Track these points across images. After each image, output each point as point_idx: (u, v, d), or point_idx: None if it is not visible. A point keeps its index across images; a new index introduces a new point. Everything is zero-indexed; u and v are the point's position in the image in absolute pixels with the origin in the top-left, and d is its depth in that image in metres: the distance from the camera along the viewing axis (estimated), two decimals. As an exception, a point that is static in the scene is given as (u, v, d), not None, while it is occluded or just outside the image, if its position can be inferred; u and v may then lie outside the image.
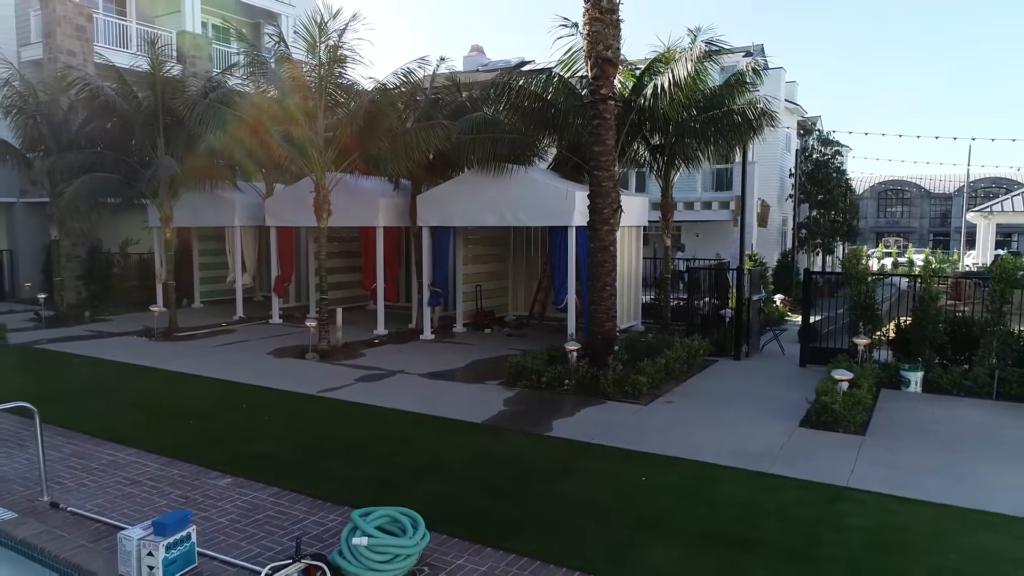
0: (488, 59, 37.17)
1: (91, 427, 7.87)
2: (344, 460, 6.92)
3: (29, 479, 6.23)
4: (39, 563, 5.00)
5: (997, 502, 5.86)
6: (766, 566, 4.80)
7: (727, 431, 7.94)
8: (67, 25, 19.92)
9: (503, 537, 5.16)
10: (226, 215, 16.96)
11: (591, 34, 10.13)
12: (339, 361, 11.94)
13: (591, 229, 10.47)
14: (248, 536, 5.21)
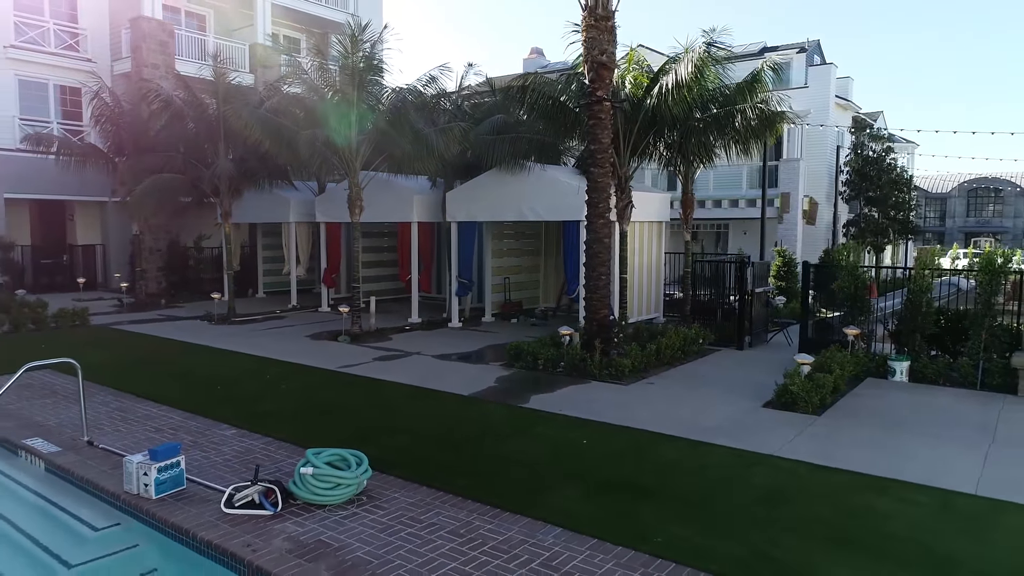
0: (548, 61, 37.95)
1: (136, 389, 9.25)
2: (333, 419, 7.99)
3: (77, 425, 7.57)
4: (71, 483, 6.26)
5: (905, 472, 6.31)
6: (651, 507, 5.52)
7: (690, 408, 8.56)
8: (151, 41, 22.09)
9: (437, 479, 6.06)
10: (282, 212, 18.53)
11: (587, 40, 10.87)
12: (367, 343, 13.10)
13: (588, 222, 11.20)
14: (234, 471, 6.30)
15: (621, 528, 5.10)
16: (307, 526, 5.15)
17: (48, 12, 22.44)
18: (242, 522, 5.20)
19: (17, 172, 20.81)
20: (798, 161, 23.41)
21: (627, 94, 13.26)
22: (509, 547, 4.83)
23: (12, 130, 21.50)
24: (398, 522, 5.25)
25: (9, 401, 8.16)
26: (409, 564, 4.58)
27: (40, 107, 22.39)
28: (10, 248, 21.24)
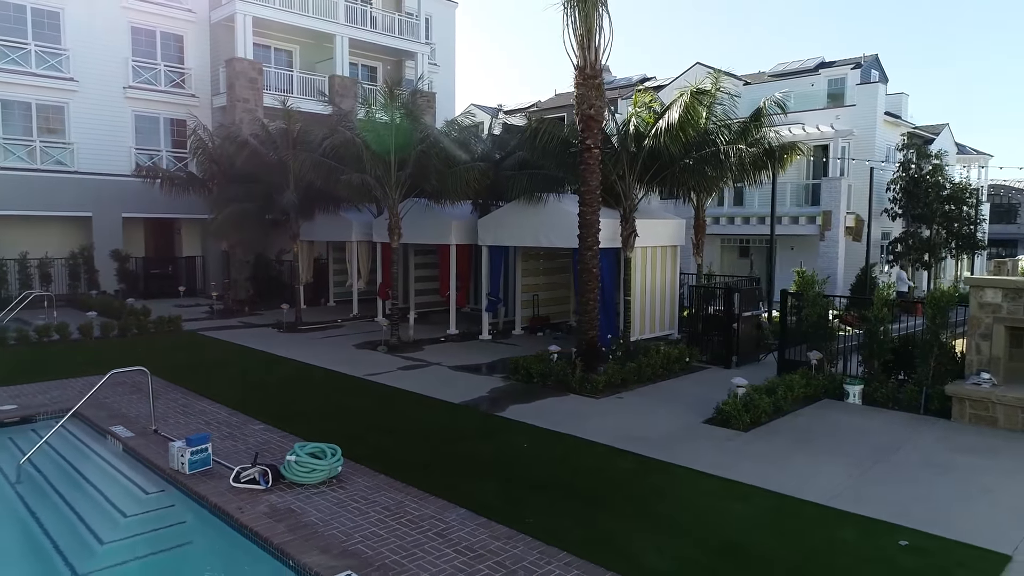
0: (613, 77, 39.27)
1: (199, 388, 11.65)
2: (336, 419, 10.00)
3: (150, 416, 9.92)
4: (137, 459, 8.54)
5: (771, 482, 7.62)
6: (542, 498, 7.15)
7: (638, 421, 10.04)
8: (243, 78, 25.19)
9: (395, 470, 7.92)
10: (345, 231, 20.99)
11: (578, 96, 12.47)
12: (401, 353, 15.17)
13: (579, 255, 12.79)
14: (250, 457, 8.39)
15: (508, 512, 6.77)
16: (285, 498, 7.13)
17: (160, 56, 25.99)
18: (241, 493, 7.24)
19: (134, 194, 24.33)
20: (839, 179, 23.80)
21: (630, 134, 14.65)
22: (420, 520, 6.63)
23: (129, 158, 25.14)
24: (350, 499, 7.15)
25: (104, 395, 10.64)
26: (342, 527, 6.46)
27: (152, 138, 25.99)
28: (126, 260, 24.87)
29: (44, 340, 15.99)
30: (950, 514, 6.81)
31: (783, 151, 16.03)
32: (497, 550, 6.04)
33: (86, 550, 6.54)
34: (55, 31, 23.72)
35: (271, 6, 26.06)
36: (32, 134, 23.49)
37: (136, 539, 6.76)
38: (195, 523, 7.03)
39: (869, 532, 6.42)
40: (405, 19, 30.94)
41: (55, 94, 23.68)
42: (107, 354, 14.23)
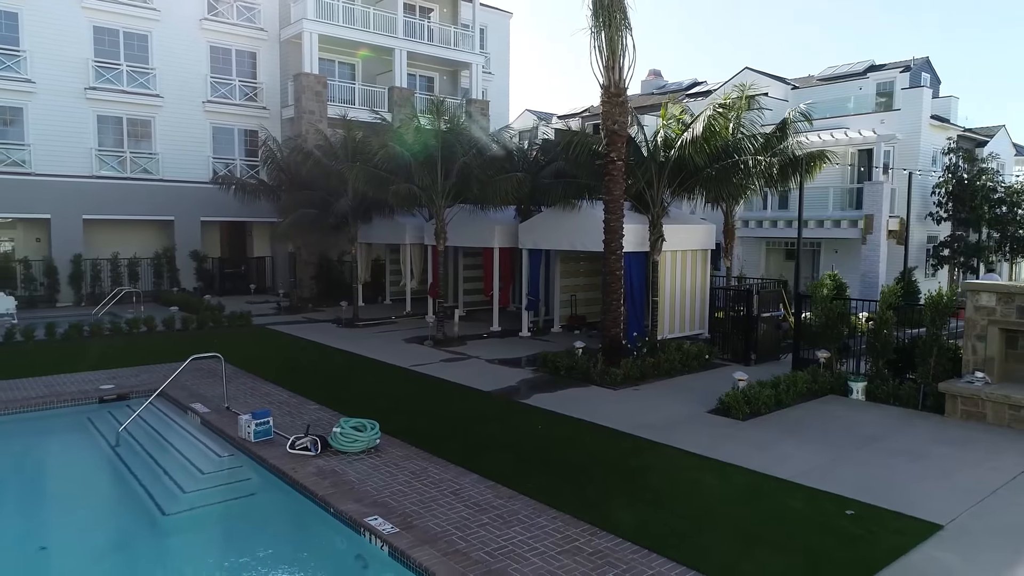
0: (665, 81, 39.90)
1: (265, 374, 13.29)
2: (380, 401, 11.39)
3: (223, 396, 11.56)
4: (212, 430, 10.15)
5: (753, 463, 8.59)
6: (545, 471, 8.34)
7: (647, 410, 11.10)
8: (309, 91, 27.16)
9: (424, 444, 9.25)
10: (399, 234, 22.56)
11: (604, 113, 13.57)
12: (445, 348, 16.56)
13: (604, 260, 13.88)
14: (303, 428, 9.88)
15: (513, 479, 7.99)
16: (330, 462, 8.55)
17: (235, 72, 28.24)
18: (295, 457, 8.70)
19: (211, 199, 26.57)
20: (882, 183, 24.02)
21: (658, 145, 15.61)
22: (439, 482, 7.93)
23: (207, 167, 27.45)
24: (384, 464, 8.51)
25: (185, 379, 12.36)
26: (375, 485, 7.82)
27: (227, 147, 28.27)
28: (203, 260, 27.19)
29: (134, 331, 18.07)
30: (904, 492, 7.68)
31: (810, 159, 16.68)
32: (499, 506, 7.28)
33: (171, 497, 8.12)
34: (144, 52, 26.18)
35: (335, 23, 27.96)
36: (123, 145, 26.00)
37: (211, 490, 8.32)
38: (258, 480, 8.53)
39: (821, 503, 7.38)
40: (461, 31, 32.46)
41: (143, 109, 26.14)
42: (187, 344, 16.08)
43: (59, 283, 24.31)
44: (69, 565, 6.97)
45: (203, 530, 7.65)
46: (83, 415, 11.22)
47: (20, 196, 23.63)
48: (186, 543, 7.44)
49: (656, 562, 6.08)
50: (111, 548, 7.28)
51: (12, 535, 7.52)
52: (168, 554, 7.22)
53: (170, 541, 7.45)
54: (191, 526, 7.64)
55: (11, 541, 7.35)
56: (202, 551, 7.29)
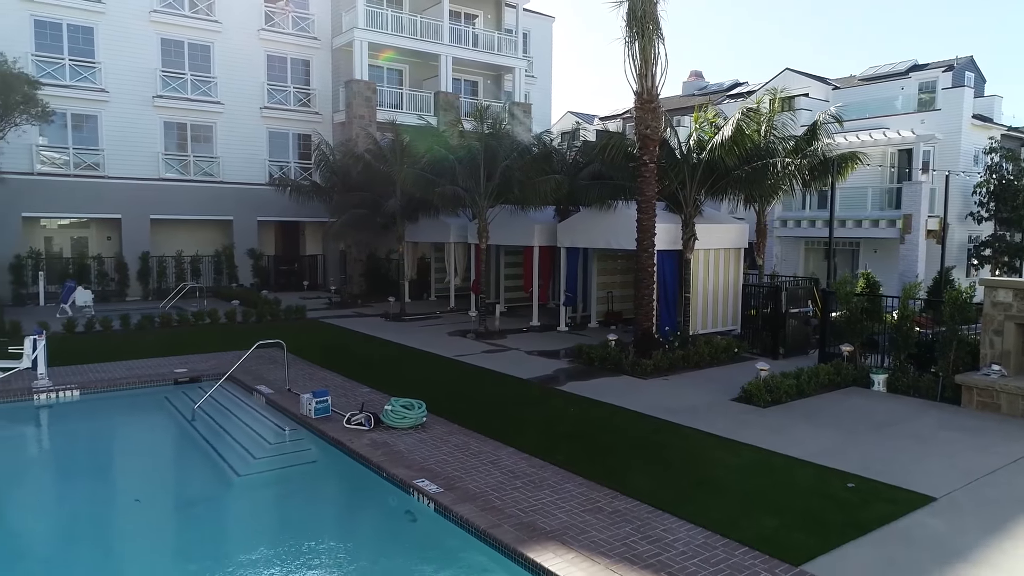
0: (706, 82, 40.23)
1: (320, 361, 14.44)
2: (425, 386, 12.33)
3: (284, 380, 12.71)
4: (277, 409, 11.28)
5: (766, 443, 9.29)
6: (573, 445, 9.20)
7: (673, 397, 11.85)
8: (359, 97, 28.46)
9: (467, 422, 10.19)
10: (443, 233, 23.64)
11: (637, 118, 14.36)
12: (486, 340, 17.52)
13: (637, 257, 14.64)
14: (357, 407, 10.92)
15: (545, 452, 8.87)
16: (382, 436, 9.57)
17: (290, 79, 29.74)
18: (351, 431, 9.74)
19: (267, 200, 28.12)
20: (921, 183, 24.12)
21: (691, 148, 16.28)
22: (478, 454, 8.86)
23: (264, 169, 29.01)
24: (429, 438, 9.49)
25: (250, 365, 13.55)
26: (421, 455, 8.80)
27: (282, 151, 29.80)
28: (260, 257, 28.73)
29: (199, 323, 19.50)
30: (905, 470, 8.31)
31: (841, 160, 17.13)
32: (531, 473, 8.18)
33: (243, 462, 9.24)
34: (206, 61, 27.84)
35: (385, 32, 29.20)
36: (187, 150, 27.69)
37: (277, 457, 9.44)
38: (318, 450, 9.60)
39: (825, 477, 8.07)
40: (504, 37, 33.43)
41: (205, 115, 27.79)
42: (248, 335, 17.34)
43: (129, 278, 26.08)
44: (161, 514, 8.12)
45: (272, 488, 8.73)
46: (161, 395, 12.49)
47: (94, 197, 25.45)
48: (258, 498, 8.54)
49: (667, 519, 6.90)
50: (195, 500, 8.43)
51: (111, 491, 8.73)
52: (243, 506, 8.33)
53: (244, 496, 8.57)
54: (262, 485, 8.75)
55: (111, 495, 8.55)
56: (272, 504, 8.38)
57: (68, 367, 13.49)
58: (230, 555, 6.86)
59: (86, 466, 9.89)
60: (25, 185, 23.71)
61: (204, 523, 7.87)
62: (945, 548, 6.36)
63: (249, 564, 6.57)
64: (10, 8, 23.78)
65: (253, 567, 6.52)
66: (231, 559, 6.71)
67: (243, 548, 7.02)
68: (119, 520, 7.87)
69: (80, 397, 12.07)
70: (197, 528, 7.74)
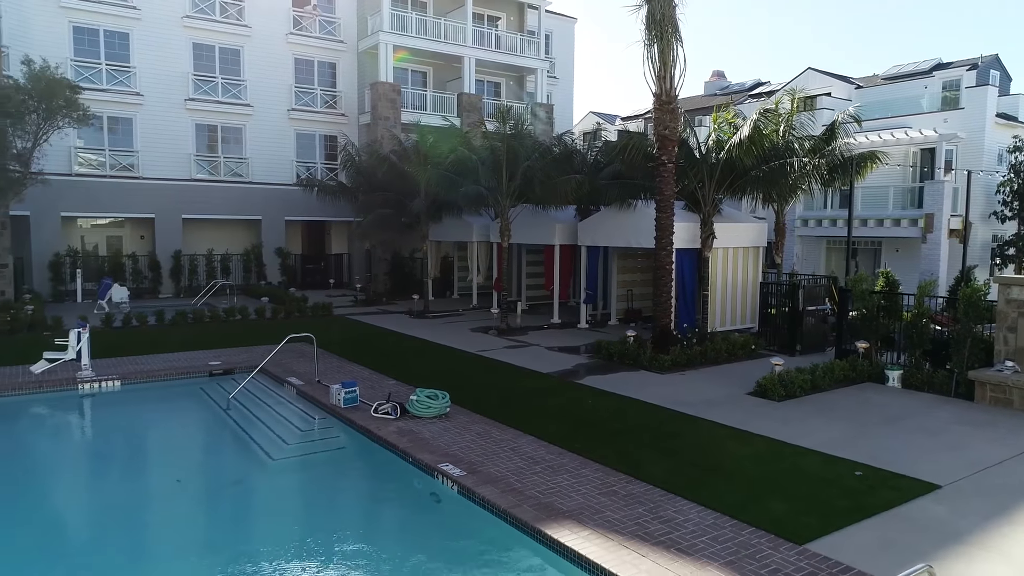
0: (728, 82, 40.29)
1: (348, 355, 14.94)
2: (449, 378, 12.75)
3: (314, 372, 13.21)
4: (307, 399, 11.79)
5: (778, 434, 9.58)
6: (590, 432, 9.57)
7: (689, 391, 12.16)
8: (384, 99, 29.03)
9: (487, 412, 10.60)
10: (466, 232, 24.10)
11: (656, 119, 14.67)
12: (508, 336, 17.93)
13: (655, 255, 14.96)
14: (384, 397, 11.39)
15: (563, 439, 9.25)
16: (407, 424, 10.02)
17: (317, 81, 30.42)
18: (378, 419, 10.20)
19: (294, 200, 28.82)
20: (943, 183, 24.09)
21: (709, 148, 16.56)
22: (499, 441, 9.27)
23: (291, 170, 29.71)
24: (453, 427, 9.92)
25: (280, 358, 14.08)
26: (445, 441, 9.22)
27: (309, 152, 30.48)
28: (287, 256, 29.43)
29: (230, 319, 20.14)
30: (913, 460, 8.56)
31: (860, 160, 17.28)
32: (549, 459, 8.57)
33: (276, 446, 9.75)
34: (236, 65, 28.60)
35: (409, 35, 29.75)
36: (217, 151, 28.48)
37: (308, 443, 9.95)
38: (346, 437, 10.08)
39: (834, 466, 8.36)
40: (526, 38, 33.82)
41: (235, 118, 28.56)
42: (277, 331, 17.90)
43: (161, 276, 26.89)
44: (200, 492, 8.64)
45: (304, 471, 9.22)
46: (196, 385, 13.07)
47: (129, 198, 26.30)
48: (291, 479, 9.04)
49: (678, 502, 7.25)
50: (232, 481, 8.94)
51: (154, 472, 9.28)
52: (278, 486, 8.83)
53: (278, 478, 9.06)
54: (294, 468, 9.25)
55: (154, 476, 9.10)
56: (305, 485, 8.87)
57: (108, 359, 14.13)
58: (265, 530, 7.34)
59: (130, 450, 10.48)
60: (64, 186, 24.53)
61: (241, 501, 8.38)
62: (944, 530, 6.64)
63: (283, 539, 7.04)
64: (51, 16, 24.69)
65: (287, 541, 6.99)
66: (267, 534, 7.19)
67: (277, 524, 7.51)
68: (162, 498, 8.39)
69: (121, 387, 12.68)
70: (235, 505, 8.25)
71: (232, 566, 6.43)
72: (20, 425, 11.29)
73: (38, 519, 7.74)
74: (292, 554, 6.70)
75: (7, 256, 21.34)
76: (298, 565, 6.47)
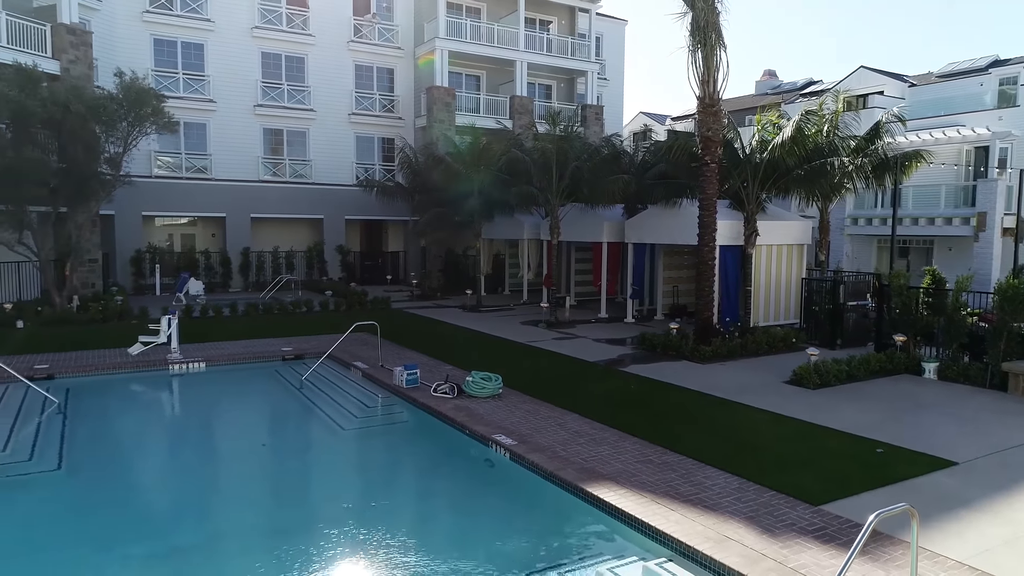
0: (780, 81, 40.28)
1: (407, 343, 16.07)
2: (500, 365, 13.65)
3: (377, 358, 14.34)
4: (373, 381, 12.92)
5: (812, 417, 10.22)
6: (632, 412, 10.39)
7: (728, 379, 12.84)
8: (440, 103, 30.24)
9: (536, 394, 11.53)
10: (517, 231, 25.08)
11: (699, 122, 15.36)
12: (557, 329, 18.81)
13: (698, 251, 15.64)
14: (442, 379, 12.41)
15: (605, 417, 10.11)
16: (463, 403, 11.01)
17: (375, 86, 31.84)
18: (437, 398, 11.24)
19: (353, 200, 30.28)
20: (996, 181, 23.93)
21: (753, 148, 17.11)
22: (547, 418, 10.19)
23: (351, 171, 31.19)
24: (504, 405, 10.88)
25: (345, 346, 15.26)
26: (498, 417, 10.18)
27: (368, 154, 31.92)
28: (347, 253, 30.92)
29: (297, 311, 21.55)
30: (934, 441, 9.12)
31: (905, 159, 17.59)
32: (592, 434, 9.45)
33: (347, 419, 10.91)
34: (301, 72, 30.21)
35: (464, 40, 30.91)
36: (283, 154, 30.15)
37: (374, 417, 11.08)
38: (408, 413, 11.15)
39: (857, 444, 9.00)
40: (577, 41, 34.62)
41: (300, 122, 30.18)
42: (341, 321, 19.20)
43: (231, 271, 28.67)
44: (285, 454, 9.81)
45: (372, 439, 10.35)
46: (272, 368, 14.36)
47: (202, 198, 28.14)
48: (361, 446, 10.20)
49: (708, 470, 8.05)
50: (310, 446, 10.12)
51: (242, 438, 10.52)
52: (349, 451, 9.98)
53: (350, 445, 10.21)
54: (363, 437, 10.40)
55: (242, 441, 10.33)
56: (373, 451, 10.00)
57: (191, 344, 15.54)
58: (341, 486, 8.43)
59: (219, 420, 11.80)
60: (144, 187, 26.35)
61: (319, 462, 9.55)
62: (949, 497, 7.27)
63: (356, 494, 8.11)
64: (136, 29, 26.66)
65: (359, 496, 8.05)
66: (342, 489, 8.27)
67: (351, 482, 8.60)
68: (251, 459, 9.59)
69: (206, 369, 14.05)
70: (314, 465, 9.42)
71: (317, 509, 7.52)
72: (126, 398, 12.75)
73: (155, 469, 9.01)
74: (364, 503, 7.76)
75: (97, 252, 23.27)
76: (371, 513, 7.52)
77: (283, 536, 7.04)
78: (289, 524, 7.43)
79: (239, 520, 7.62)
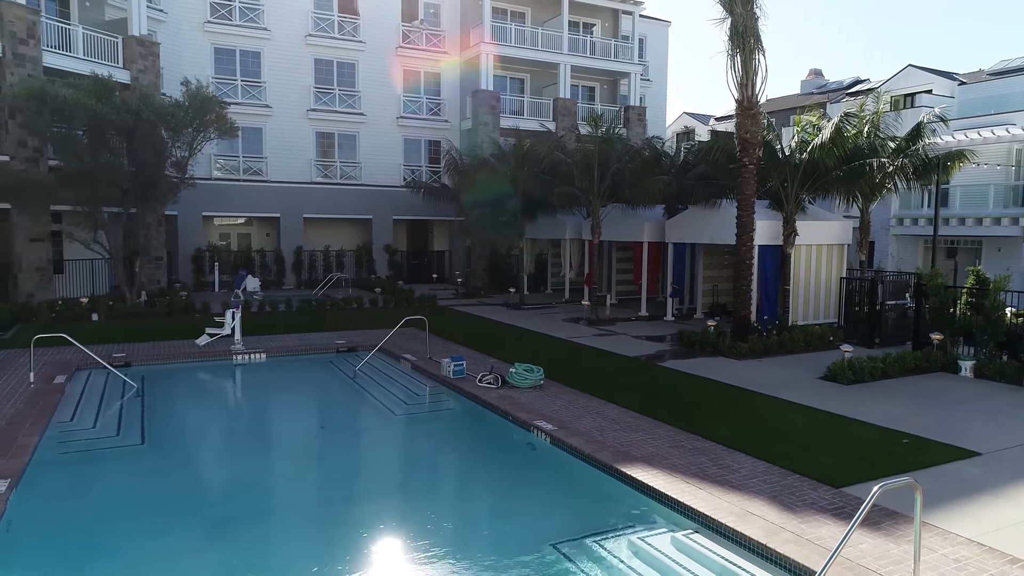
0: (825, 80, 39.98)
1: (453, 338, 16.82)
2: (542, 358, 14.28)
3: (425, 351, 15.10)
4: (421, 372, 13.68)
5: (842, 410, 10.58)
6: (666, 403, 10.91)
7: (762, 374, 13.23)
8: (484, 105, 31.00)
9: (576, 385, 12.12)
10: (559, 231, 25.65)
11: (738, 124, 15.73)
12: (598, 326, 19.35)
13: (736, 251, 16.01)
14: (487, 370, 13.09)
15: (641, 407, 10.65)
16: (507, 392, 11.68)
17: (423, 90, 32.79)
18: (482, 388, 11.93)
19: (400, 201, 31.27)
20: (1043, 181, 23.61)
21: (793, 148, 17.39)
22: (585, 407, 10.78)
23: (398, 173, 32.19)
24: (546, 395, 11.50)
25: (395, 340, 16.06)
26: (539, 406, 10.82)
27: (415, 156, 32.90)
28: (395, 252, 31.93)
29: (348, 307, 22.55)
30: (962, 433, 9.43)
31: (947, 159, 17.64)
32: (628, 422, 10.02)
33: (398, 405, 11.70)
34: (351, 77, 31.34)
35: (508, 44, 31.62)
36: (334, 156, 31.32)
37: (424, 404, 11.84)
38: (455, 401, 11.88)
39: (884, 435, 9.37)
40: (620, 44, 35.01)
41: (350, 126, 31.31)
42: (389, 317, 20.08)
43: (285, 269, 29.93)
44: (343, 436, 10.63)
45: (423, 424, 11.12)
46: (327, 360, 15.26)
47: (258, 199, 29.45)
48: (413, 430, 10.95)
49: (737, 455, 8.55)
50: (366, 429, 10.93)
51: (303, 420, 11.39)
52: (402, 434, 10.76)
53: (402, 428, 10.98)
54: (414, 421, 11.16)
55: (303, 423, 11.20)
56: (424, 434, 10.76)
57: (252, 337, 16.53)
58: (395, 464, 9.18)
59: (280, 404, 12.72)
60: (204, 189, 27.80)
61: (373, 442, 10.34)
62: (969, 484, 7.63)
63: (408, 471, 8.84)
64: (198, 39, 28.10)
65: (412, 472, 8.78)
66: (395, 466, 9.01)
67: (404, 460, 9.34)
68: (312, 439, 10.43)
69: (266, 360, 15.01)
70: (369, 445, 10.21)
71: (372, 484, 8.28)
72: (196, 384, 13.81)
73: (226, 445, 9.92)
74: (415, 479, 8.48)
75: (162, 250, 24.66)
76: (422, 487, 8.24)
77: (345, 504, 7.82)
78: (350, 494, 8.21)
79: (301, 492, 8.44)
